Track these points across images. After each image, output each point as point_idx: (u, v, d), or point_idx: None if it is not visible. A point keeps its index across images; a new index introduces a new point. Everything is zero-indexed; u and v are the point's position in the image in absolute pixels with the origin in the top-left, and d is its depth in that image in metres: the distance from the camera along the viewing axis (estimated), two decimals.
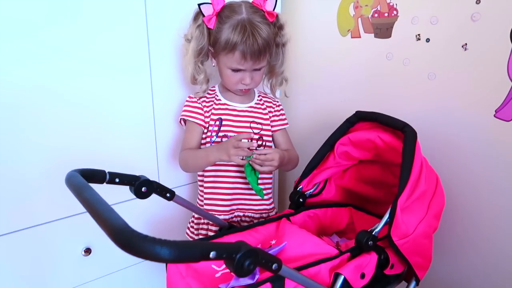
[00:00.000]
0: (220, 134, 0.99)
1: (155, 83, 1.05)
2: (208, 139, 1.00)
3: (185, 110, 1.02)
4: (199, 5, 0.89)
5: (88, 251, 1.01)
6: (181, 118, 1.03)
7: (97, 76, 0.94)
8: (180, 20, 1.04)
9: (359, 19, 1.06)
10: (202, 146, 1.02)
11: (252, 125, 1.02)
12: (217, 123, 1.00)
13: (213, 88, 1.05)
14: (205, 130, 1.01)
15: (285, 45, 1.01)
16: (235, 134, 0.99)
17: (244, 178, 0.98)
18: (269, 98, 1.10)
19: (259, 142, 1.02)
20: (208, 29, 0.92)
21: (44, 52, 0.85)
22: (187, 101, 1.03)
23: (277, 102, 1.11)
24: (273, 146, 1.08)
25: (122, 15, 0.95)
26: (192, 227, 1.09)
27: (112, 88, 0.97)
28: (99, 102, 0.96)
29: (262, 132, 1.03)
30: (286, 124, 1.10)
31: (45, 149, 0.90)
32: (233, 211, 1.03)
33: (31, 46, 0.83)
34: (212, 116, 1.00)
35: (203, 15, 0.90)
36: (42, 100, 0.87)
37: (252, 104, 1.05)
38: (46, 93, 0.87)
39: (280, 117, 1.09)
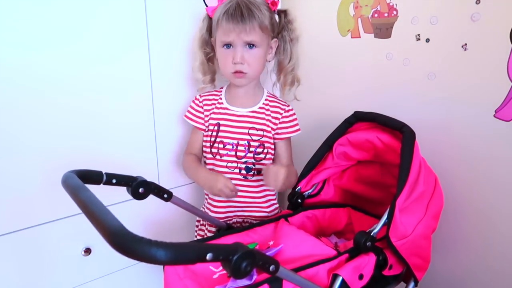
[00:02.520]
0: (218, 139, 0.98)
1: (155, 84, 1.04)
2: (207, 144, 1.00)
3: (188, 111, 1.03)
4: None
5: (88, 251, 1.01)
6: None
7: (97, 77, 0.94)
8: (180, 20, 1.04)
9: (359, 19, 1.06)
10: (204, 148, 1.02)
11: (251, 131, 0.98)
12: (215, 128, 0.99)
13: (220, 90, 1.04)
14: (204, 133, 1.01)
15: (293, 41, 1.00)
16: (232, 140, 0.97)
17: (241, 185, 0.98)
18: (278, 103, 1.01)
19: (260, 150, 0.98)
20: (210, 19, 0.92)
21: (41, 50, 0.85)
22: (192, 101, 1.03)
23: (287, 107, 1.01)
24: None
25: (122, 15, 0.95)
26: (197, 226, 1.09)
27: (112, 89, 0.97)
28: (99, 103, 0.96)
29: (264, 139, 0.98)
30: (296, 131, 1.01)
31: (46, 150, 0.90)
32: (231, 218, 1.02)
33: (27, 46, 0.83)
34: (211, 121, 1.00)
35: (206, 5, 0.91)
36: (42, 101, 0.87)
37: (255, 108, 0.99)
38: (45, 94, 0.87)
39: (289, 123, 1.00)
